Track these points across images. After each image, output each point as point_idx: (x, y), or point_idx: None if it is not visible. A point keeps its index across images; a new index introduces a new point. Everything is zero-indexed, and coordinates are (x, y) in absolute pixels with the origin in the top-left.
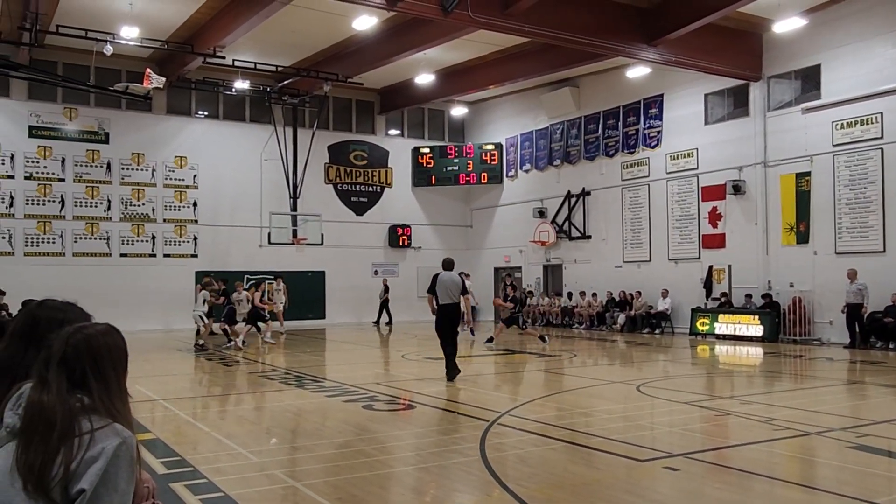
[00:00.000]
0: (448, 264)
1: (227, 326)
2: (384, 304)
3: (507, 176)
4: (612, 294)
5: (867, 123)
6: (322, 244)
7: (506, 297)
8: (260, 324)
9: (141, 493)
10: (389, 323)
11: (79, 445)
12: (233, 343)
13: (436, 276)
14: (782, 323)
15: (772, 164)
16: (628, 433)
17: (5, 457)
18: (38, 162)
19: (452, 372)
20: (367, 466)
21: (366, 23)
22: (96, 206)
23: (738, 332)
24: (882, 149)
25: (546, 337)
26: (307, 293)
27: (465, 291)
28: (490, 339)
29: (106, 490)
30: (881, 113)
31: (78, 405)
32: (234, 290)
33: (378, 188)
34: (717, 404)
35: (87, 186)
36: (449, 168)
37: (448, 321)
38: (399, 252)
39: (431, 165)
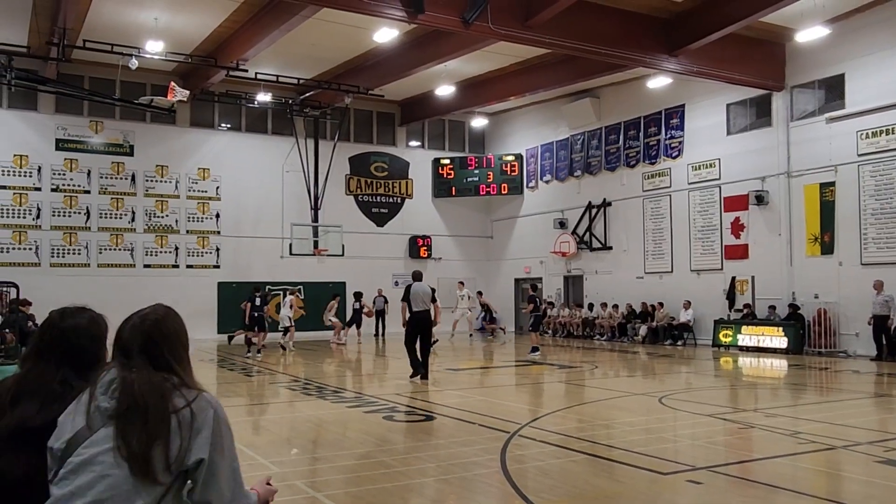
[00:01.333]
0: (418, 276)
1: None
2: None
3: (527, 187)
4: (632, 306)
5: (893, 133)
6: (343, 255)
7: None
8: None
9: None
10: (376, 336)
11: (180, 421)
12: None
13: (408, 287)
14: (807, 335)
15: (795, 175)
16: (650, 445)
17: (105, 438)
18: (64, 174)
19: (417, 368)
20: (387, 477)
21: (387, 35)
22: (121, 218)
23: (761, 344)
24: None
25: (538, 349)
26: (313, 302)
27: (434, 300)
28: (534, 349)
29: (219, 454)
30: None
31: (168, 384)
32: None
33: (398, 199)
34: (741, 417)
35: (111, 198)
36: (469, 179)
37: (421, 326)
38: (419, 263)
39: (452, 176)
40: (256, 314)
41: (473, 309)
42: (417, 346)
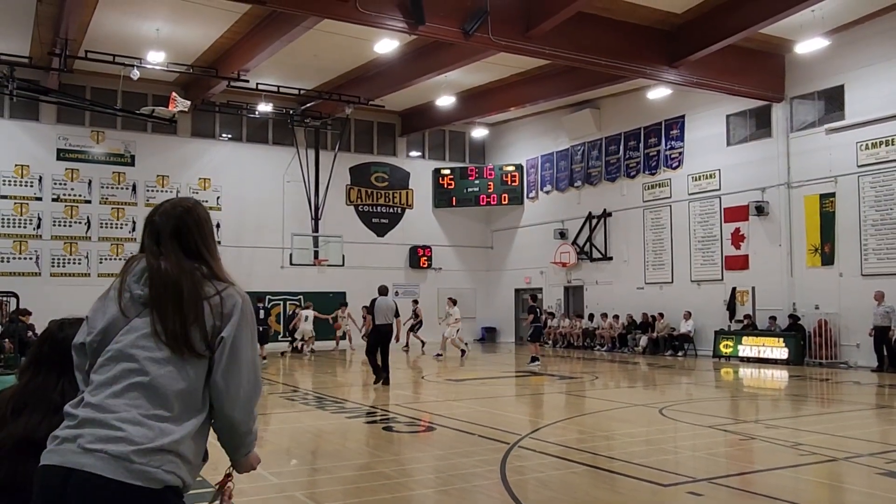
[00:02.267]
0: (383, 290)
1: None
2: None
3: (527, 197)
4: (633, 316)
5: (893, 144)
6: (343, 265)
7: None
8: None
9: None
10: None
11: (212, 307)
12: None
13: (373, 301)
14: (808, 346)
15: (795, 186)
16: (651, 457)
17: (143, 324)
18: (65, 184)
19: (379, 374)
20: (387, 489)
21: (387, 46)
22: (121, 228)
23: (762, 355)
24: None
25: (537, 359)
26: (328, 314)
27: (397, 314)
28: (533, 360)
29: (244, 339)
30: None
31: (199, 273)
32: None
33: (399, 209)
34: (742, 428)
35: (112, 208)
36: (469, 189)
37: (382, 338)
38: (420, 273)
39: (452, 187)
40: (261, 328)
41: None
42: (378, 356)
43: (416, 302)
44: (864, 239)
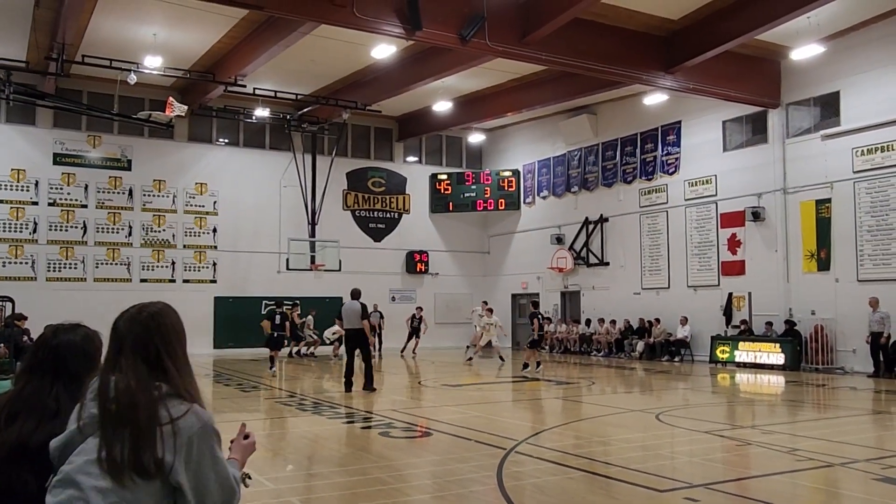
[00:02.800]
0: (354, 294)
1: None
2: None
3: (524, 202)
4: (629, 321)
5: (888, 150)
6: (340, 270)
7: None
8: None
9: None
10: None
11: (163, 437)
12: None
13: (343, 305)
14: (804, 351)
15: (791, 191)
16: (648, 463)
17: (93, 447)
18: (61, 188)
19: (350, 380)
20: (384, 494)
21: (384, 52)
22: (118, 232)
23: (758, 361)
24: None
25: (528, 365)
26: (325, 319)
27: (364, 317)
28: (525, 366)
29: (204, 474)
30: None
31: (157, 392)
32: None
33: (396, 214)
34: (739, 434)
35: (108, 212)
36: (466, 194)
37: (352, 342)
38: (416, 278)
39: (449, 192)
40: (276, 334)
41: (493, 327)
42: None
43: (419, 309)
44: (860, 245)
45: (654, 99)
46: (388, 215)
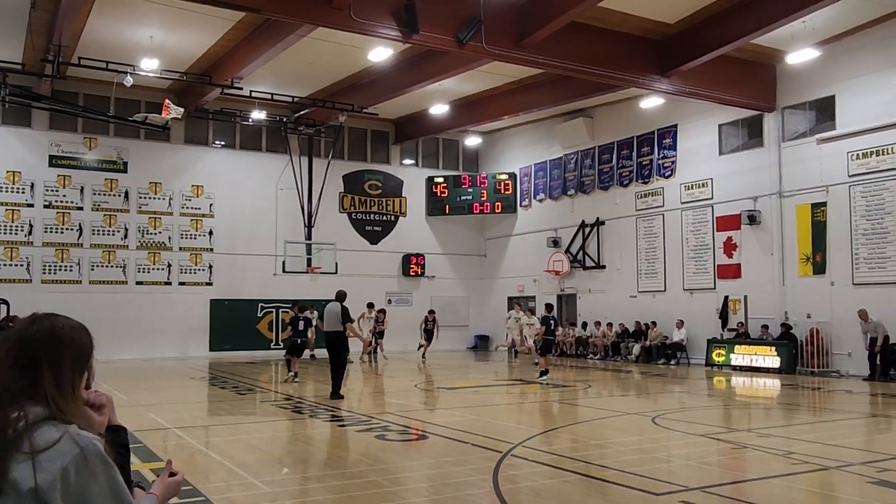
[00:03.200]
0: (338, 296)
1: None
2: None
3: (520, 205)
4: (625, 324)
5: (883, 154)
6: (336, 273)
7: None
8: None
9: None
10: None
11: (16, 480)
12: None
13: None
14: (799, 354)
15: (787, 195)
16: (644, 466)
17: None
18: (57, 191)
19: (335, 393)
20: (379, 497)
21: (381, 54)
22: (113, 235)
23: (754, 364)
24: None
25: (547, 372)
26: (320, 322)
27: (347, 319)
28: (543, 373)
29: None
30: None
31: (16, 423)
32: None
33: (392, 217)
34: (734, 437)
35: (104, 215)
36: (463, 197)
37: (330, 346)
38: (413, 281)
39: (445, 195)
40: (300, 341)
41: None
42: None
43: (432, 312)
44: (855, 248)
45: (651, 102)
46: (385, 218)
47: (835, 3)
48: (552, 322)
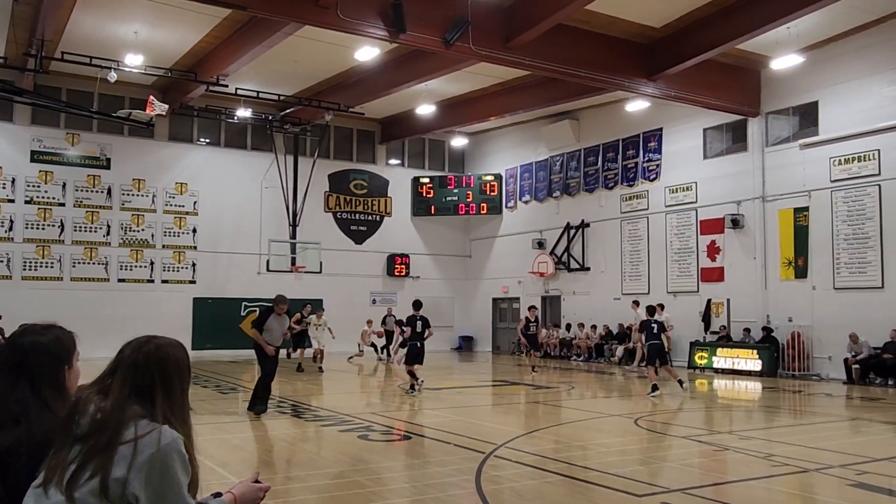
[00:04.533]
0: (278, 300)
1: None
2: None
3: (506, 207)
4: (609, 326)
5: (865, 160)
6: (320, 272)
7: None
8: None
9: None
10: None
11: (122, 454)
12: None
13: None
14: (781, 358)
15: (770, 199)
16: (626, 467)
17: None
18: (38, 186)
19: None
20: (362, 498)
21: (368, 54)
22: (96, 231)
23: (736, 367)
24: (879, 185)
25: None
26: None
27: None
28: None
29: (158, 494)
30: (878, 150)
31: (129, 413)
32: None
33: (377, 217)
34: (716, 439)
35: (87, 211)
36: (448, 198)
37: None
38: (397, 281)
39: (431, 195)
40: (419, 344)
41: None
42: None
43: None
44: (836, 253)
45: (636, 106)
46: (370, 218)
47: (818, 11)
48: (654, 326)
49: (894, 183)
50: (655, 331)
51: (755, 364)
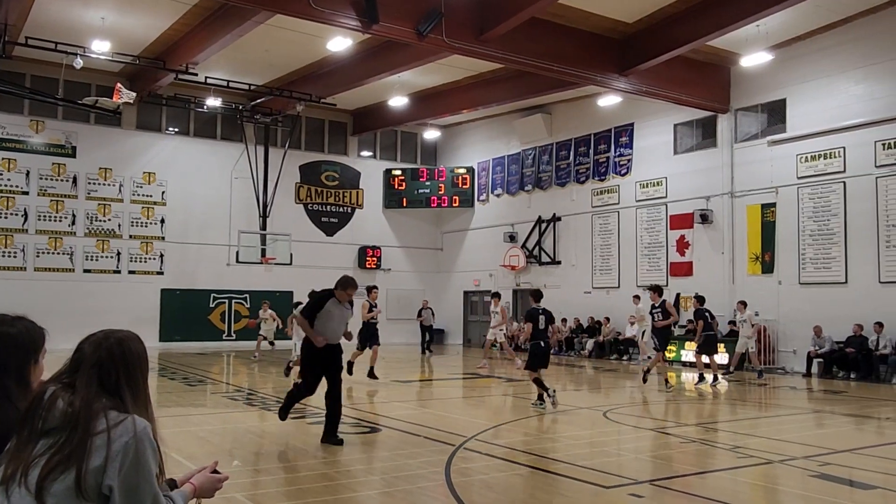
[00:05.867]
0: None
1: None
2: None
3: (478, 200)
4: (580, 320)
5: (830, 157)
6: (291, 264)
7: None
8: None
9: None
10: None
11: (96, 446)
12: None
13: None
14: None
15: (738, 195)
16: (594, 459)
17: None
18: (1, 174)
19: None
20: (330, 490)
21: (340, 44)
22: (60, 221)
23: (704, 360)
24: (844, 182)
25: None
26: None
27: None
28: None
29: (133, 483)
30: (844, 147)
31: (98, 405)
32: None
33: (349, 209)
34: (683, 431)
35: (51, 200)
36: (420, 191)
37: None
38: (369, 274)
39: (403, 188)
40: (542, 343)
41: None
42: None
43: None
44: (802, 248)
45: (608, 101)
46: (341, 210)
47: (787, 9)
48: (707, 315)
49: (859, 180)
50: (710, 319)
51: (722, 358)
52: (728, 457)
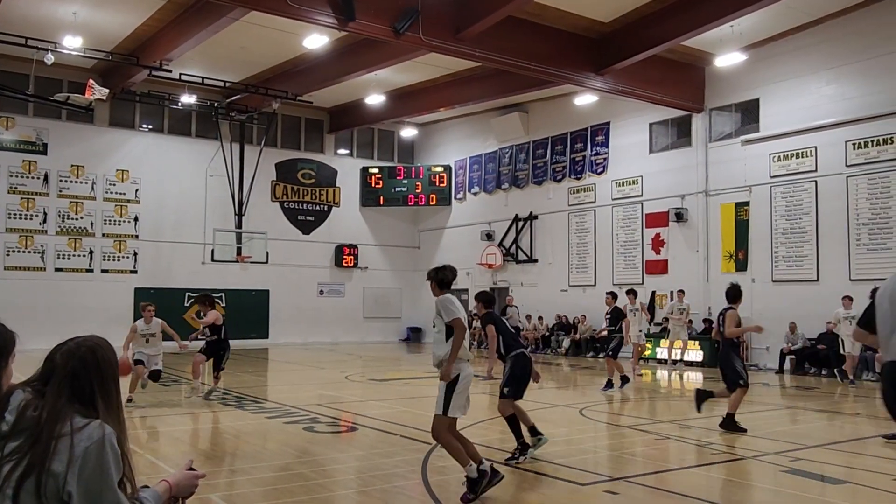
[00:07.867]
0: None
1: None
2: None
3: (455, 198)
4: (557, 317)
5: (802, 157)
6: (267, 262)
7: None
8: None
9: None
10: None
11: (59, 449)
12: None
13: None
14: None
15: (713, 193)
16: (570, 457)
17: None
18: None
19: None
20: (306, 490)
21: (317, 42)
22: (31, 219)
23: (678, 357)
24: (816, 181)
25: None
26: (250, 312)
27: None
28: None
29: (94, 488)
30: (815, 147)
31: (65, 411)
32: None
33: (325, 207)
34: (658, 428)
35: (22, 198)
36: (397, 189)
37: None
38: (345, 272)
39: (380, 186)
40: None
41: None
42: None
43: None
44: (775, 247)
45: (585, 99)
46: (318, 208)
47: (760, 10)
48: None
49: (830, 179)
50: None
51: (697, 355)
52: (702, 453)
